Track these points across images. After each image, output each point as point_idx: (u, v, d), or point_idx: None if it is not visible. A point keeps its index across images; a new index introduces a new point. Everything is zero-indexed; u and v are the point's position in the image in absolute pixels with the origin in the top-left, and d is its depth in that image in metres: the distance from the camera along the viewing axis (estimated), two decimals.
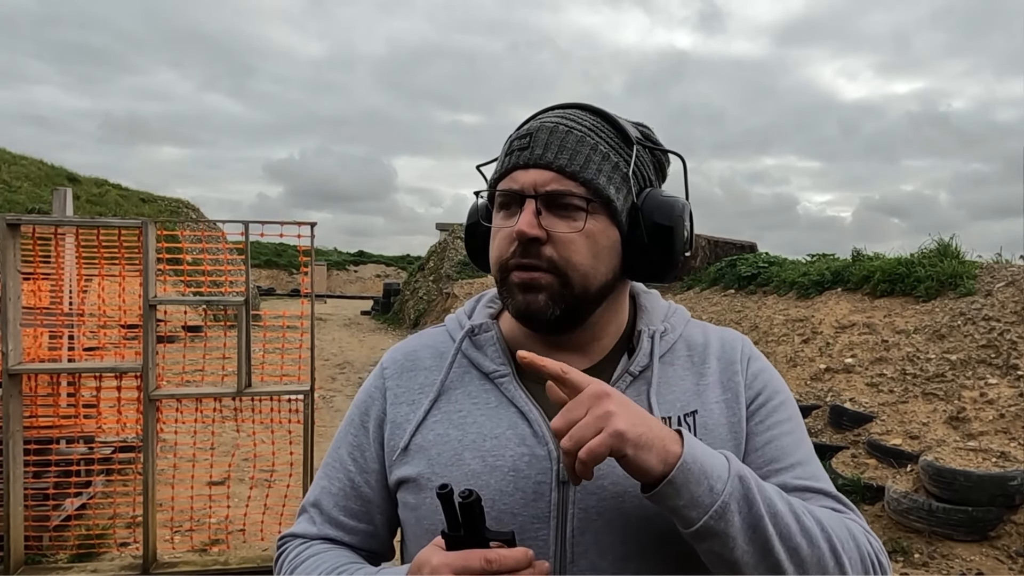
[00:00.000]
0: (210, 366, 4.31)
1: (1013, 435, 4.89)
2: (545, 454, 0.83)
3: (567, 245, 0.82)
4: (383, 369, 0.98)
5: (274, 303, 24.57)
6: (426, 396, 0.91)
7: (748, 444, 0.87)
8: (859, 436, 5.60)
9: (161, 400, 3.74)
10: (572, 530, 0.81)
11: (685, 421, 0.86)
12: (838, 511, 0.84)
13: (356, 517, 0.93)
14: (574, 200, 0.82)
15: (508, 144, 0.88)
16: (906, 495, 4.38)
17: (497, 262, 0.86)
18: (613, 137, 0.87)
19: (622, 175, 0.86)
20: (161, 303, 3.74)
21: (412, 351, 0.98)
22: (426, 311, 20.45)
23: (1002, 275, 6.93)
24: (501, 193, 0.86)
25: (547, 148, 0.83)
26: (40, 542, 3.90)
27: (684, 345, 0.93)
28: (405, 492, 0.89)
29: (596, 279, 0.85)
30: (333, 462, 0.96)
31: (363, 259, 49.09)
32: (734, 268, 10.69)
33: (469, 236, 0.97)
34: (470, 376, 0.91)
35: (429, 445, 0.87)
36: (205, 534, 4.27)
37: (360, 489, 0.93)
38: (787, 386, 0.95)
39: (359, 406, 0.97)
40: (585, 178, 0.83)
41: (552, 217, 0.82)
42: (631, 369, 0.88)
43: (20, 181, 17.54)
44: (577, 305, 0.85)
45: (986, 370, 5.72)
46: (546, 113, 0.90)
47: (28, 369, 3.66)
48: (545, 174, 0.83)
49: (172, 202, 22.93)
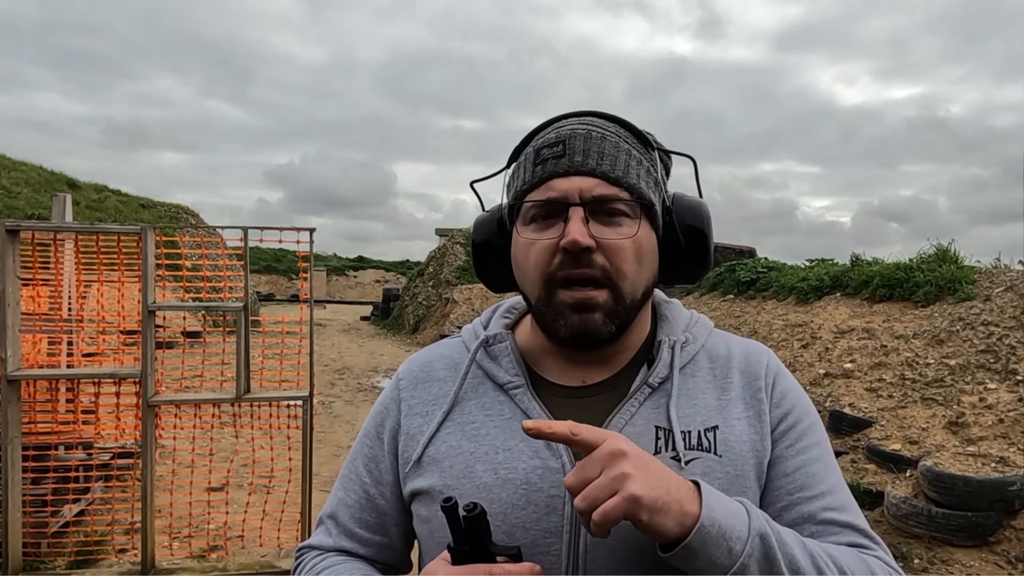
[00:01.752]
0: (209, 372, 4.30)
1: (1012, 440, 4.89)
2: (559, 467, 0.81)
3: (617, 253, 0.80)
4: (398, 380, 0.96)
5: (273, 308, 24.57)
6: (439, 407, 0.89)
7: (776, 469, 0.84)
8: (858, 441, 5.60)
9: (160, 406, 3.74)
10: (585, 545, 0.79)
11: (706, 436, 0.83)
12: (864, 547, 0.82)
13: (371, 529, 0.92)
14: (621, 206, 0.80)
15: (534, 153, 0.84)
16: (906, 500, 4.38)
17: (541, 277, 0.81)
18: (636, 143, 0.86)
19: (654, 179, 0.85)
20: (160, 309, 3.74)
21: (427, 362, 0.96)
22: (425, 316, 20.45)
23: (1001, 280, 6.93)
24: (538, 203, 0.82)
25: (587, 155, 0.81)
26: (38, 548, 3.89)
27: (706, 357, 0.90)
28: (418, 504, 0.87)
29: (641, 286, 0.83)
30: (350, 473, 0.95)
31: (363, 264, 49.13)
32: (733, 273, 10.70)
33: (481, 255, 0.93)
34: (484, 387, 0.89)
35: (442, 457, 0.85)
36: (204, 540, 4.26)
37: (375, 501, 0.92)
38: (814, 406, 0.92)
39: (375, 417, 0.96)
40: (629, 183, 0.81)
41: (598, 224, 0.80)
42: (650, 381, 0.85)
43: (19, 187, 17.56)
44: (628, 318, 0.83)
45: (985, 375, 5.72)
46: (563, 122, 0.86)
47: (27, 375, 3.66)
48: (589, 180, 0.80)
49: (171, 208, 22.95)
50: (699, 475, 0.80)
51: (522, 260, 0.84)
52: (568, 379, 0.88)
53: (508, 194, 0.89)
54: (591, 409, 0.84)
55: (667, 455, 0.81)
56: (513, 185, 0.88)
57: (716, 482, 0.80)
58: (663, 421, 0.83)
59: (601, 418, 0.83)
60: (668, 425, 0.82)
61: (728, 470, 0.82)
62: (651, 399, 0.85)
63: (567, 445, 0.74)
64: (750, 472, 0.83)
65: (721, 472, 0.81)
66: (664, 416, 0.83)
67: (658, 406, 0.84)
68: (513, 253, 0.88)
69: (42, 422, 4.10)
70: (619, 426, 0.82)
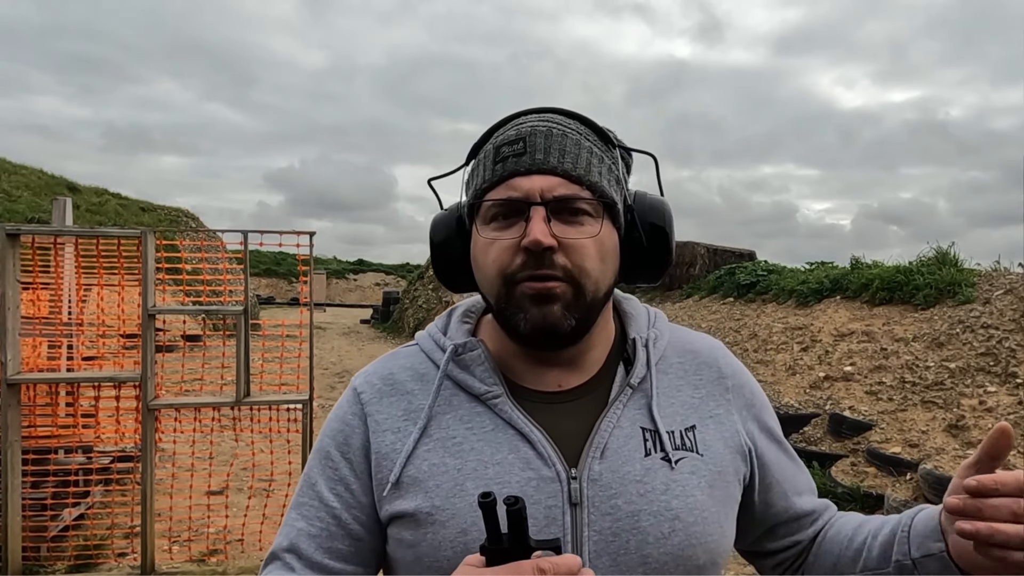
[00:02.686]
0: (209, 375, 4.31)
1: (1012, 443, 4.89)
2: (553, 476, 0.79)
3: (579, 251, 0.78)
4: (358, 395, 0.88)
5: (273, 312, 24.56)
6: (413, 423, 0.83)
7: (763, 470, 0.90)
8: (858, 444, 5.59)
9: (160, 409, 3.74)
10: (589, 553, 0.77)
11: (687, 436, 0.84)
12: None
13: (345, 559, 0.83)
14: (583, 205, 0.79)
15: (494, 151, 0.81)
16: (906, 504, 4.38)
17: (500, 275, 0.79)
18: (598, 140, 0.84)
19: (616, 177, 0.84)
20: (160, 312, 3.75)
21: (388, 374, 0.89)
22: (425, 319, 20.46)
23: (1000, 283, 6.94)
24: (498, 203, 0.79)
25: (548, 153, 0.79)
26: (38, 552, 3.89)
27: (674, 352, 0.91)
28: (400, 528, 0.81)
29: (604, 284, 0.81)
30: (310, 501, 0.85)
31: (362, 268, 49.13)
32: (733, 276, 10.70)
33: (440, 255, 0.89)
34: (459, 399, 0.84)
35: (425, 477, 0.80)
36: (203, 544, 4.26)
37: (348, 527, 0.83)
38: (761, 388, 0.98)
39: (334, 436, 0.87)
40: (591, 182, 0.79)
41: (560, 224, 0.77)
42: (631, 381, 0.84)
43: (20, 190, 17.58)
44: (588, 314, 0.80)
45: (985, 378, 5.72)
46: (522, 119, 0.84)
47: (27, 379, 3.66)
48: (551, 179, 0.78)
49: (172, 211, 22.97)
50: (687, 474, 0.81)
51: (482, 260, 0.82)
52: (543, 384, 0.85)
53: (467, 192, 0.86)
54: (574, 414, 0.83)
55: (657, 456, 0.81)
56: (472, 183, 0.85)
57: (703, 480, 0.82)
58: (647, 422, 0.83)
59: (588, 423, 0.82)
60: (653, 426, 0.82)
61: (711, 467, 0.83)
62: (633, 400, 0.84)
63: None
64: (728, 467, 0.85)
65: (706, 470, 0.83)
66: (647, 417, 0.83)
67: (640, 407, 0.84)
68: (473, 253, 0.85)
69: (42, 426, 4.10)
70: (608, 430, 0.82)
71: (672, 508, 0.79)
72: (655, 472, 0.80)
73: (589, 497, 0.78)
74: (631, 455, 0.81)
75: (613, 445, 0.81)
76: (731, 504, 0.85)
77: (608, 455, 0.80)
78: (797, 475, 0.94)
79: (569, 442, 0.81)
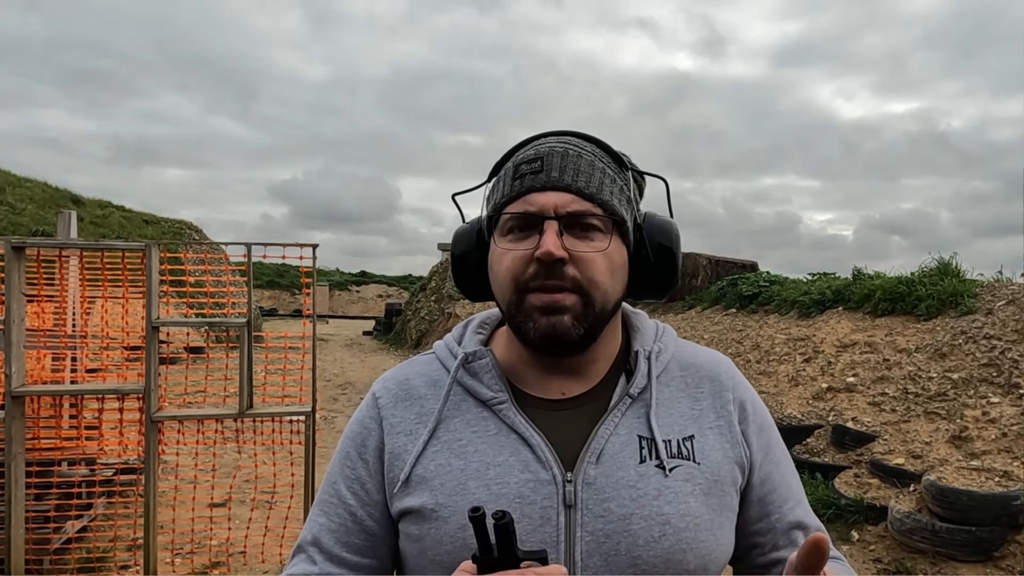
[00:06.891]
0: (212, 387, 4.32)
1: (1016, 454, 4.88)
2: (549, 479, 0.83)
3: (589, 264, 0.83)
4: (376, 399, 0.95)
5: (276, 324, 24.59)
6: (424, 426, 0.90)
7: (763, 484, 0.92)
8: (861, 456, 5.58)
9: (163, 422, 3.75)
10: (581, 554, 0.81)
11: (684, 445, 0.87)
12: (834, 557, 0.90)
13: (360, 552, 0.91)
14: (594, 221, 0.84)
15: (514, 169, 0.88)
16: (909, 515, 4.36)
17: (512, 284, 0.85)
18: (611, 162, 0.89)
19: (627, 197, 0.89)
20: (164, 325, 3.76)
21: (405, 380, 0.96)
22: (428, 331, 20.45)
23: (1003, 293, 6.94)
24: (515, 216, 0.85)
25: (563, 171, 0.84)
26: (41, 565, 3.89)
27: (677, 365, 0.95)
28: (408, 523, 0.87)
29: (612, 297, 0.86)
30: (330, 498, 0.93)
31: (365, 279, 49.18)
32: (735, 287, 10.70)
33: (460, 264, 0.95)
34: (467, 404, 0.90)
35: (431, 476, 0.86)
36: (206, 556, 4.25)
37: (364, 523, 0.91)
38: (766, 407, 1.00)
39: (354, 438, 0.94)
40: (602, 199, 0.85)
41: (572, 238, 0.83)
42: (630, 391, 0.88)
43: (24, 203, 17.66)
44: (596, 324, 0.85)
45: (988, 389, 5.72)
46: (542, 140, 0.90)
47: (31, 391, 3.67)
48: (564, 196, 0.83)
49: (175, 224, 23.05)
50: (682, 481, 0.84)
51: (497, 268, 0.87)
52: (548, 391, 0.90)
53: (488, 206, 0.92)
54: (574, 421, 0.88)
55: (652, 463, 0.85)
56: (492, 198, 0.91)
57: (697, 487, 0.85)
58: (644, 431, 0.87)
59: (586, 429, 0.87)
60: (650, 435, 0.86)
61: (707, 476, 0.86)
62: (632, 409, 0.88)
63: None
64: (726, 477, 0.88)
65: (701, 478, 0.86)
66: (645, 426, 0.87)
67: (638, 416, 0.88)
68: (490, 262, 0.91)
69: (46, 438, 4.11)
70: (605, 437, 0.86)
71: (664, 513, 0.82)
72: (648, 478, 0.84)
73: (583, 500, 0.82)
74: (626, 461, 0.85)
75: (609, 451, 0.85)
76: (727, 513, 0.88)
77: (604, 460, 0.84)
78: (793, 490, 0.96)
79: (568, 447, 0.86)
